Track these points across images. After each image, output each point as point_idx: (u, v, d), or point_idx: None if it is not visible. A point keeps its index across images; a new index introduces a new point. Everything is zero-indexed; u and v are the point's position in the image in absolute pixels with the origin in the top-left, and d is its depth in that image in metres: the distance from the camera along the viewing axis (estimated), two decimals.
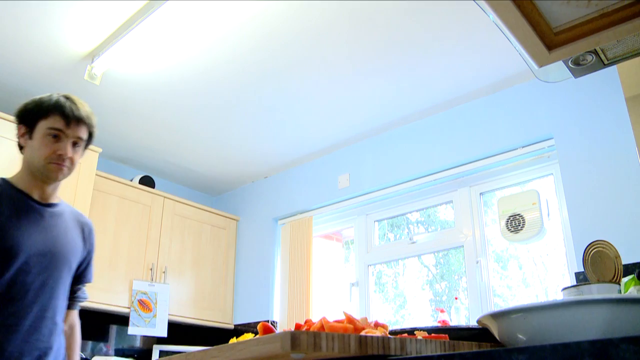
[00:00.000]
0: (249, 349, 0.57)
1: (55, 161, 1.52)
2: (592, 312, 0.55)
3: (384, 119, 3.34)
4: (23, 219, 1.51)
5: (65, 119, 1.53)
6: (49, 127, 1.53)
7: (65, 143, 1.54)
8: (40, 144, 1.53)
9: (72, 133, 1.55)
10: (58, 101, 1.55)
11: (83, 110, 1.58)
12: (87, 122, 1.59)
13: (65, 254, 1.59)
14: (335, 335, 0.53)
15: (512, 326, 0.60)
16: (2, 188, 1.55)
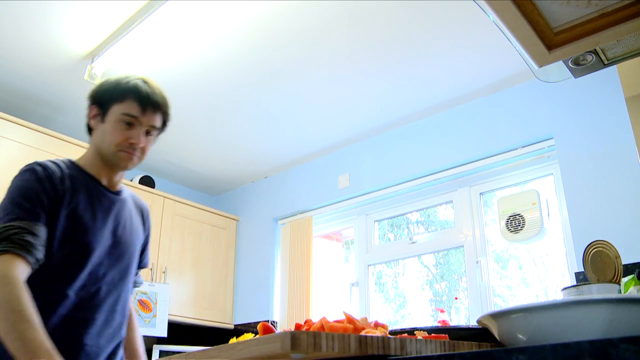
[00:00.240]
0: (249, 349, 0.57)
1: (126, 149, 1.42)
2: (592, 312, 0.55)
3: (384, 119, 3.34)
4: (98, 210, 1.42)
5: (141, 105, 1.42)
6: (123, 113, 1.40)
7: (139, 131, 1.43)
8: (113, 129, 1.41)
9: (147, 121, 1.43)
10: (135, 85, 1.43)
11: (160, 97, 1.47)
12: (164, 110, 1.49)
13: (133, 243, 1.52)
14: (335, 335, 0.53)
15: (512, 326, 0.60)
16: (74, 172, 1.42)
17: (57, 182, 1.35)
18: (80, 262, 1.35)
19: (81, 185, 1.40)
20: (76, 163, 1.46)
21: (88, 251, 1.36)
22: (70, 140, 3.17)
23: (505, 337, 0.63)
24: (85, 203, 1.39)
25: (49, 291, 1.30)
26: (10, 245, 1.19)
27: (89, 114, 1.47)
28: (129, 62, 2.81)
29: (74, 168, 1.44)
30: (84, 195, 1.39)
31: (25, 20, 2.53)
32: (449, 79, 2.94)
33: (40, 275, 1.28)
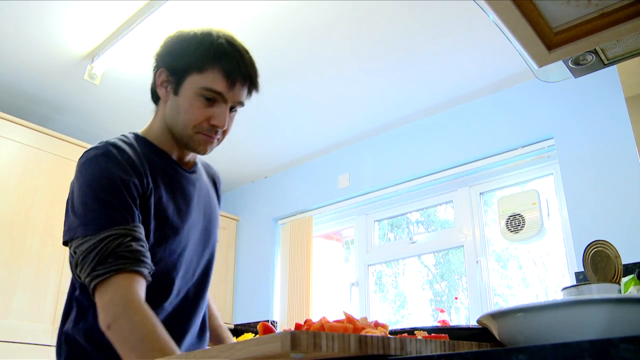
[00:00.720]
0: (248, 348, 0.57)
1: (205, 131, 1.11)
2: (592, 312, 0.55)
3: (384, 118, 3.34)
4: (180, 201, 1.14)
5: (228, 78, 1.08)
6: (204, 87, 1.08)
7: (223, 109, 1.10)
8: (190, 106, 1.09)
9: (234, 97, 1.11)
10: (220, 50, 1.09)
11: (250, 65, 1.13)
12: (255, 81, 1.15)
13: (215, 229, 1.26)
14: (335, 335, 0.53)
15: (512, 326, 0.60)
16: (146, 151, 1.13)
17: (138, 167, 1.06)
18: (173, 268, 1.10)
19: (157, 168, 1.12)
20: (144, 137, 1.17)
21: (179, 255, 1.11)
22: (70, 140, 3.17)
23: (505, 337, 0.63)
24: (166, 193, 1.11)
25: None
26: (122, 263, 0.94)
27: (157, 78, 1.14)
28: (129, 62, 2.81)
29: (144, 144, 1.14)
30: (162, 182, 1.11)
31: (25, 20, 2.53)
32: (448, 79, 2.94)
33: None
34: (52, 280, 2.89)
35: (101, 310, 0.93)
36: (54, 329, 2.84)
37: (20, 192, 2.88)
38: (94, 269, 0.94)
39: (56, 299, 2.88)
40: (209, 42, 1.09)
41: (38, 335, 2.77)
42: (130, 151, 1.08)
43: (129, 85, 3.03)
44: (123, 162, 1.03)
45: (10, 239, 2.78)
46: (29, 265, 2.82)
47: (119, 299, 0.91)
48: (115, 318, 0.90)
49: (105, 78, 2.94)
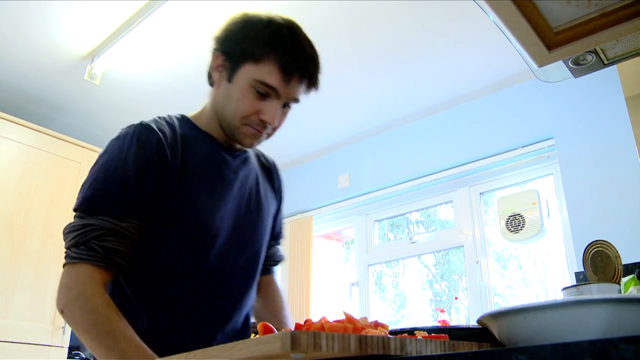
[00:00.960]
0: (248, 348, 0.57)
1: (254, 125, 1.05)
2: (592, 312, 0.55)
3: (384, 118, 3.34)
4: (216, 182, 1.08)
5: (284, 73, 1.01)
6: (257, 80, 1.01)
7: (275, 105, 1.03)
8: (241, 97, 1.03)
9: (289, 93, 1.04)
10: (280, 41, 1.03)
11: (311, 59, 1.07)
12: (315, 79, 1.08)
13: (263, 220, 1.17)
14: (335, 335, 0.53)
15: (512, 326, 0.60)
16: (187, 132, 1.09)
17: (165, 150, 1.02)
18: (196, 254, 1.04)
19: (196, 149, 1.07)
20: (190, 120, 1.14)
21: (207, 239, 1.04)
22: (70, 140, 3.17)
23: (505, 337, 0.63)
24: (200, 176, 1.06)
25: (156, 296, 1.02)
26: (91, 255, 0.94)
27: (213, 61, 1.10)
28: (128, 62, 2.81)
29: (188, 126, 1.11)
30: (197, 165, 1.06)
31: (25, 21, 2.53)
32: (448, 79, 2.94)
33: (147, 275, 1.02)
34: (52, 280, 2.89)
35: (58, 292, 0.95)
36: (53, 329, 2.84)
37: (20, 192, 2.88)
38: (68, 248, 0.97)
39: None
40: (269, 30, 1.04)
41: (38, 335, 2.77)
42: (163, 133, 1.03)
43: (129, 85, 3.03)
44: (147, 146, 1.00)
45: (10, 239, 2.78)
46: (29, 265, 2.82)
47: (74, 286, 0.93)
48: (67, 303, 0.93)
49: (105, 78, 2.94)
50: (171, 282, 1.03)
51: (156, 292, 1.02)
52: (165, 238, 1.02)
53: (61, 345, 2.85)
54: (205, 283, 1.05)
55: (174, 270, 1.03)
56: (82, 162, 3.18)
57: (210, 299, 1.06)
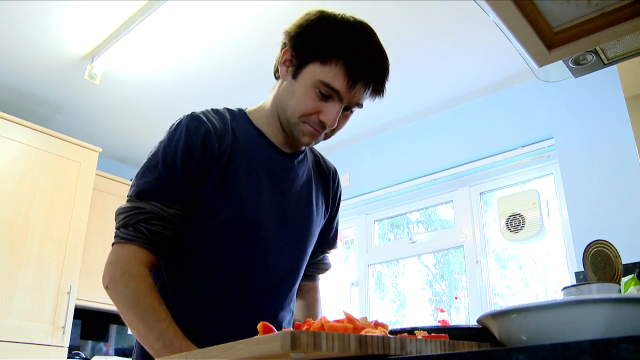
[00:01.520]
0: (248, 348, 0.57)
1: (312, 124, 1.05)
2: (592, 311, 0.55)
3: (384, 118, 3.34)
4: (262, 180, 1.08)
5: (350, 78, 1.00)
6: (321, 81, 1.01)
7: (336, 108, 1.03)
8: (304, 95, 1.03)
9: (352, 98, 1.04)
10: (350, 44, 1.02)
11: (380, 66, 1.05)
12: (381, 86, 1.08)
13: (309, 223, 1.15)
14: (335, 335, 0.53)
15: (512, 326, 0.60)
16: (240, 125, 1.11)
17: (213, 141, 1.04)
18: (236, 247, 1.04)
19: (246, 143, 1.08)
20: (247, 115, 1.15)
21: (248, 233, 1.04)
22: (70, 140, 3.17)
23: (505, 337, 0.63)
24: (247, 168, 1.06)
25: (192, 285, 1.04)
26: (137, 237, 0.98)
27: (281, 55, 1.10)
28: (128, 62, 2.81)
29: (243, 121, 1.13)
30: (246, 157, 1.07)
31: (25, 20, 2.53)
32: (448, 79, 2.94)
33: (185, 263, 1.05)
34: (52, 280, 2.89)
35: (104, 269, 1.01)
36: (53, 329, 2.84)
37: (20, 192, 2.88)
38: (117, 229, 1.02)
39: (56, 299, 2.88)
40: (340, 33, 1.03)
41: (38, 335, 2.77)
42: (212, 124, 1.06)
43: (128, 85, 3.03)
44: (195, 136, 1.03)
45: (10, 239, 2.78)
46: (29, 265, 2.82)
47: (121, 264, 0.99)
48: (112, 279, 0.99)
49: (105, 78, 2.94)
50: (208, 272, 1.04)
51: (192, 281, 1.04)
52: (206, 228, 1.03)
53: (61, 345, 2.85)
54: (243, 278, 1.05)
55: (211, 261, 1.04)
56: (82, 162, 3.18)
57: (246, 295, 1.06)
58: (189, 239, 1.04)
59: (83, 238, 3.07)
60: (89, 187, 3.17)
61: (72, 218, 3.04)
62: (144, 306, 0.94)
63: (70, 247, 3.01)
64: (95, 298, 3.14)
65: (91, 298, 3.15)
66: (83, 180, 3.15)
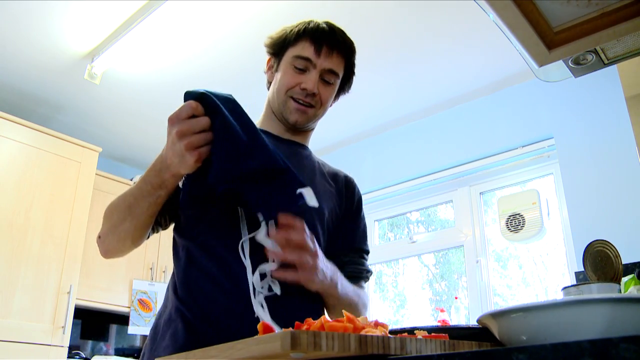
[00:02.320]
0: (248, 348, 0.57)
1: (297, 96, 1.17)
2: (592, 311, 0.55)
3: (384, 118, 3.34)
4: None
5: (315, 44, 1.17)
6: (294, 56, 1.18)
7: (313, 76, 1.17)
8: (284, 74, 1.19)
9: (322, 63, 1.17)
10: (314, 25, 1.20)
11: (341, 37, 1.20)
12: (345, 54, 1.21)
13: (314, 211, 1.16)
14: (335, 335, 0.53)
15: (512, 326, 0.60)
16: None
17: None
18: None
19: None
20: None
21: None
22: (70, 140, 3.17)
23: (505, 337, 0.62)
24: None
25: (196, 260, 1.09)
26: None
27: (266, 66, 1.30)
28: (128, 62, 2.81)
29: None
30: None
31: (25, 20, 2.53)
32: (449, 79, 2.94)
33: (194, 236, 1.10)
34: (52, 280, 2.89)
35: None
36: (53, 329, 2.84)
37: (20, 192, 2.88)
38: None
39: (56, 299, 2.88)
40: (304, 22, 1.21)
41: (38, 334, 2.77)
42: None
43: (128, 85, 3.03)
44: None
45: (10, 239, 2.78)
46: (29, 265, 2.82)
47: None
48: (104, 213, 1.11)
49: (105, 77, 2.94)
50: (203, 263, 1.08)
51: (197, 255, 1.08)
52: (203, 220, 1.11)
53: (61, 345, 2.85)
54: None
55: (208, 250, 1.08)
56: (82, 161, 3.18)
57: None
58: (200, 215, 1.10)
59: (83, 238, 3.07)
60: (89, 186, 3.17)
61: (72, 218, 3.04)
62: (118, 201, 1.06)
63: (70, 247, 3.01)
64: (96, 298, 3.14)
65: (91, 298, 3.15)
66: (83, 180, 3.15)
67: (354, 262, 1.24)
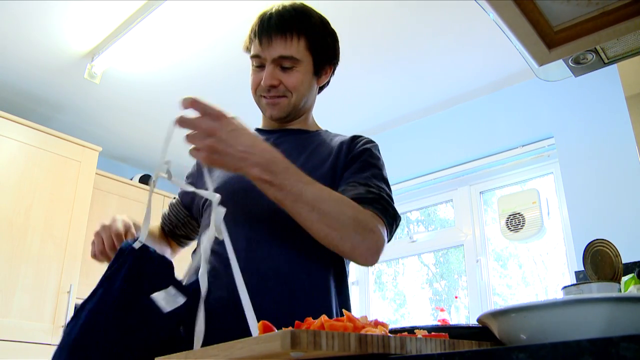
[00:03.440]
0: (248, 347, 0.57)
1: (263, 93, 1.18)
2: (592, 310, 0.55)
3: (384, 117, 3.34)
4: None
5: (258, 39, 1.16)
6: (250, 56, 1.19)
7: (267, 69, 1.15)
8: (250, 76, 1.21)
9: (270, 54, 1.14)
10: (256, 21, 1.19)
11: (279, 20, 1.15)
12: (292, 32, 1.15)
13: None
14: (335, 334, 0.53)
15: (512, 325, 0.60)
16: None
17: None
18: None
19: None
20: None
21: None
22: (70, 139, 3.17)
23: (505, 336, 0.62)
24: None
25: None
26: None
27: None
28: (128, 61, 2.81)
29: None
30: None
31: (25, 19, 2.53)
32: (448, 78, 2.94)
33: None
34: (52, 279, 2.89)
35: None
36: (53, 328, 2.84)
37: (20, 191, 2.88)
38: None
39: (56, 298, 2.88)
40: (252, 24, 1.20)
41: (38, 334, 2.77)
42: None
43: (129, 84, 3.03)
44: None
45: (10, 238, 2.78)
46: (29, 265, 2.82)
47: None
48: None
49: (105, 77, 2.94)
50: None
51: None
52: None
53: None
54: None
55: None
56: (82, 161, 3.18)
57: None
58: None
59: (83, 237, 3.07)
60: (89, 186, 3.17)
61: (72, 217, 3.04)
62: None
63: (70, 246, 3.01)
64: None
65: None
66: (83, 180, 3.15)
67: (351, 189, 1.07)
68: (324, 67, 1.25)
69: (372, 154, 1.22)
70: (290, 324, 0.68)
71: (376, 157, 1.23)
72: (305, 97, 1.23)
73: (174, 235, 1.34)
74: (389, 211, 1.07)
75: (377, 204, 1.05)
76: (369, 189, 1.07)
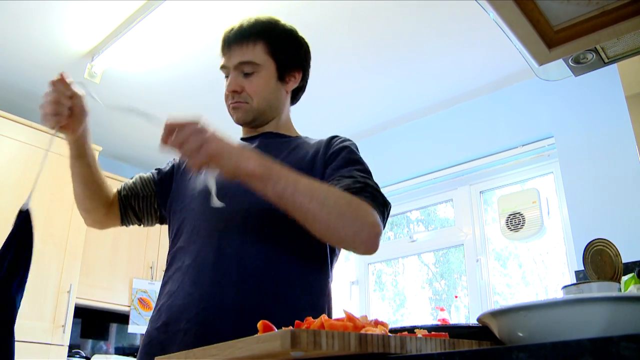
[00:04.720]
0: (248, 347, 0.57)
1: (228, 101, 1.22)
2: (592, 310, 0.55)
3: (384, 117, 3.34)
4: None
5: (222, 50, 1.23)
6: (219, 68, 1.24)
7: (231, 77, 1.20)
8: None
9: (231, 63, 1.20)
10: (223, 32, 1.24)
11: (237, 30, 1.22)
12: (244, 38, 1.20)
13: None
14: (335, 334, 0.53)
15: (512, 324, 0.60)
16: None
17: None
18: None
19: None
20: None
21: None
22: None
23: (505, 336, 0.63)
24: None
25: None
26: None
27: None
28: (128, 61, 2.81)
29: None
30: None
31: (25, 19, 2.53)
32: (449, 78, 2.94)
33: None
34: (52, 279, 2.89)
35: None
36: (54, 327, 2.84)
37: (20, 191, 2.88)
38: None
39: (56, 298, 2.88)
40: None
41: (38, 333, 2.77)
42: None
43: (128, 84, 3.03)
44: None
45: None
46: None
47: None
48: None
49: (105, 76, 2.94)
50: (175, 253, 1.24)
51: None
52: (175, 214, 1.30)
53: (61, 344, 2.85)
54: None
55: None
56: None
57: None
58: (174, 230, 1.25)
59: (83, 237, 3.07)
60: None
61: (72, 217, 3.04)
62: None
63: (70, 246, 3.01)
64: (96, 297, 3.14)
65: (91, 297, 3.15)
66: None
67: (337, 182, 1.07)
68: (289, 72, 1.25)
69: (352, 151, 1.21)
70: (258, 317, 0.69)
71: (356, 153, 1.22)
72: (268, 101, 1.22)
73: (124, 203, 1.34)
74: (378, 198, 1.08)
75: (365, 192, 1.06)
76: (355, 179, 1.08)
